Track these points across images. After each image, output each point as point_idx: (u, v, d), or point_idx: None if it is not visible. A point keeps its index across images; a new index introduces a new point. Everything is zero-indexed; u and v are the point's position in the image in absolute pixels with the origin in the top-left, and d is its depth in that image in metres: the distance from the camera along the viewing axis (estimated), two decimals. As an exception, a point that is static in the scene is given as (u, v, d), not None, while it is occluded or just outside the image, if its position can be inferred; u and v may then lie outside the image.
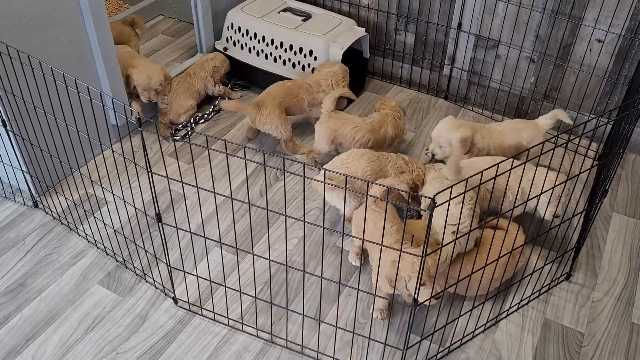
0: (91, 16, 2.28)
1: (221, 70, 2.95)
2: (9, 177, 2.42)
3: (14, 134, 2.18)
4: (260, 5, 3.03)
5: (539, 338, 1.97)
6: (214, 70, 2.91)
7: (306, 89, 2.67)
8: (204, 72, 2.88)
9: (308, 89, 2.67)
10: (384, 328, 1.98)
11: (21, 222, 2.33)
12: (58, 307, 2.03)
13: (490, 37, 2.77)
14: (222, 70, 2.96)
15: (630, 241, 2.31)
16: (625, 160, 2.69)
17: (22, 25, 2.09)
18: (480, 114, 2.95)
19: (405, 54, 3.08)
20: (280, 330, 1.96)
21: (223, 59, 2.96)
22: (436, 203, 1.35)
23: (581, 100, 2.68)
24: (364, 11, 3.08)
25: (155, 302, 2.06)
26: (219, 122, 2.88)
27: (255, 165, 2.62)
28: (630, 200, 2.49)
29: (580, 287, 2.14)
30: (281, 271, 2.15)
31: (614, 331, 2.00)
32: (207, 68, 2.89)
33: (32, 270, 2.15)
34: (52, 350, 1.90)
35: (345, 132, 2.43)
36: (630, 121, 1.93)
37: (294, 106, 2.66)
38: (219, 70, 2.93)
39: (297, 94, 2.65)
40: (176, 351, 1.91)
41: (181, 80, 2.82)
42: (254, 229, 2.32)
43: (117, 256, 2.18)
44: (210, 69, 2.89)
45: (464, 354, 1.92)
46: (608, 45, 2.53)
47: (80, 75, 2.33)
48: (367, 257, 2.21)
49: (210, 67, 2.90)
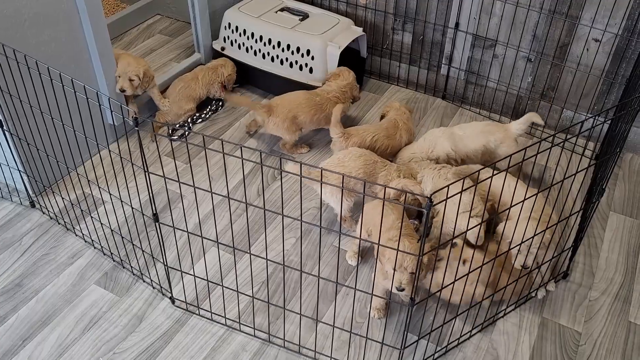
0: (88, 16, 2.27)
1: (233, 77, 2.93)
2: (6, 177, 2.41)
3: (10, 134, 2.17)
4: (257, 5, 3.03)
5: (536, 337, 1.98)
6: (228, 79, 2.90)
7: (334, 102, 2.60)
8: (213, 79, 2.86)
9: (336, 101, 2.61)
10: (381, 327, 1.98)
11: (18, 222, 2.33)
12: (55, 307, 2.03)
13: (487, 36, 2.77)
14: (234, 77, 2.95)
15: (627, 240, 2.31)
16: (622, 160, 2.69)
17: (19, 25, 2.09)
18: (478, 113, 2.95)
19: (403, 53, 3.08)
20: (278, 330, 1.96)
21: (232, 66, 2.93)
22: (433, 202, 1.35)
23: (578, 99, 2.68)
24: (362, 11, 3.08)
25: (152, 302, 2.05)
26: (216, 121, 2.88)
27: (253, 164, 2.61)
28: (627, 200, 2.49)
29: (577, 286, 2.14)
30: (278, 271, 2.15)
31: (611, 330, 2.00)
32: (219, 75, 2.87)
33: (29, 271, 2.14)
34: (48, 351, 1.90)
35: (366, 145, 2.42)
36: (627, 120, 1.93)
37: (323, 119, 2.61)
38: (232, 78, 2.93)
39: (326, 108, 2.59)
40: (173, 351, 1.91)
41: (185, 85, 2.80)
42: (251, 229, 2.32)
43: (114, 256, 2.18)
44: (224, 77, 2.88)
45: (462, 353, 1.92)
46: (605, 44, 2.53)
47: (77, 75, 2.33)
48: (364, 255, 2.21)
49: (224, 75, 2.88)
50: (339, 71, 2.72)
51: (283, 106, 2.56)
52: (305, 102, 2.57)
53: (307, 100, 2.58)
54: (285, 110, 2.54)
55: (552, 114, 2.81)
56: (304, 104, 2.57)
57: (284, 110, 2.54)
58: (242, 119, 2.89)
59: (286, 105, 2.56)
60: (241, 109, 2.95)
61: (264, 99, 3.03)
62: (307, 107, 2.57)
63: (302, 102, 2.57)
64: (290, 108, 2.55)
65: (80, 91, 1.72)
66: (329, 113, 2.53)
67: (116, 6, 3.76)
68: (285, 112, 2.54)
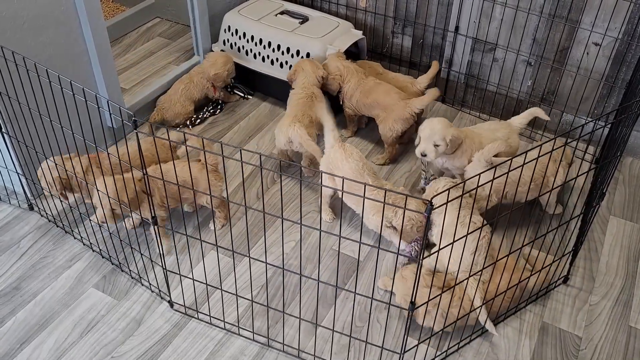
0: (87, 18, 2.27)
1: (222, 75, 2.84)
2: (4, 180, 2.40)
3: (9, 136, 2.16)
4: (257, 8, 3.03)
5: (537, 342, 1.97)
6: (215, 77, 2.82)
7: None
8: (203, 80, 2.83)
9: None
10: (381, 332, 1.97)
11: (16, 224, 2.32)
12: (53, 311, 2.02)
13: (487, 40, 2.77)
14: (224, 76, 2.85)
15: (627, 244, 2.30)
16: (623, 164, 2.69)
17: (18, 27, 2.08)
18: (478, 117, 2.95)
19: (403, 57, 3.08)
20: (277, 334, 1.95)
21: (223, 63, 2.83)
22: (434, 206, 1.34)
23: (578, 103, 2.68)
24: (361, 14, 3.08)
25: (150, 305, 2.04)
26: (216, 124, 2.87)
27: (252, 167, 2.61)
28: (628, 204, 2.49)
29: (577, 290, 2.13)
30: (278, 274, 2.14)
31: (612, 335, 1.99)
32: (206, 75, 2.83)
33: (27, 274, 2.13)
34: (46, 354, 1.89)
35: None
36: (628, 124, 1.93)
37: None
38: (220, 76, 2.83)
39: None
40: (172, 355, 1.90)
41: (185, 87, 2.80)
42: (251, 232, 2.31)
43: (113, 259, 2.17)
44: (211, 76, 2.82)
45: (462, 357, 1.92)
46: (605, 48, 2.53)
47: (76, 77, 2.32)
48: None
49: (211, 74, 2.81)
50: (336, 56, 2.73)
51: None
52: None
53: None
54: None
55: (552, 118, 2.81)
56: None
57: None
58: (242, 122, 2.89)
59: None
60: (240, 112, 2.95)
61: (262, 102, 3.02)
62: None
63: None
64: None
65: (79, 94, 1.71)
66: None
67: (116, 9, 3.76)
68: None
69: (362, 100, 2.61)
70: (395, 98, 2.53)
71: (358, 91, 2.61)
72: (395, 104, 2.52)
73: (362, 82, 2.62)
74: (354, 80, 2.63)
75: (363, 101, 2.61)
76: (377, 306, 2.05)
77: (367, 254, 2.24)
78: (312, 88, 2.58)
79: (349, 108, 2.69)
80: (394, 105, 2.52)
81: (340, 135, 2.79)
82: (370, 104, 2.59)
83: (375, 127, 2.62)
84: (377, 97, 2.56)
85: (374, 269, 2.19)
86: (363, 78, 2.63)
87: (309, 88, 2.58)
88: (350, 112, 2.71)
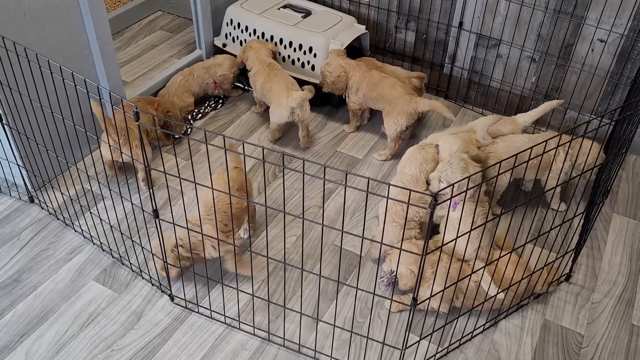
0: (89, 10, 2.26)
1: (229, 77, 2.87)
2: (5, 172, 2.39)
3: (10, 128, 2.15)
4: (260, 1, 3.01)
5: (538, 339, 1.96)
6: (222, 79, 2.85)
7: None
8: (205, 75, 2.83)
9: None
10: (382, 327, 1.97)
11: (16, 217, 2.31)
12: (53, 303, 2.01)
13: (491, 36, 2.75)
14: (231, 78, 2.88)
15: (630, 242, 2.29)
16: (626, 162, 2.67)
17: (19, 19, 2.07)
18: (481, 113, 2.93)
19: (406, 52, 3.06)
20: (278, 329, 1.94)
21: (230, 66, 2.85)
22: (437, 201, 1.33)
23: (583, 100, 2.67)
24: (365, 9, 3.06)
25: (151, 299, 2.04)
26: (218, 118, 2.86)
27: (255, 161, 2.60)
28: (631, 202, 2.47)
29: (580, 288, 2.13)
30: (279, 269, 2.13)
31: (614, 333, 1.98)
32: (211, 74, 2.84)
33: (27, 266, 2.12)
34: (46, 347, 1.88)
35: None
36: (632, 122, 1.92)
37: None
38: (227, 77, 2.86)
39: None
40: (172, 349, 1.89)
41: (184, 79, 2.79)
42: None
43: (113, 252, 2.16)
44: (217, 75, 2.84)
45: (463, 354, 1.91)
46: (610, 45, 2.51)
47: (77, 69, 2.31)
48: None
49: (217, 73, 2.84)
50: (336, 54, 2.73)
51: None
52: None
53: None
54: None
55: (556, 115, 2.79)
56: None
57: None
58: (244, 115, 2.87)
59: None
60: (242, 106, 2.94)
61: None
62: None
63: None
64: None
65: (80, 84, 1.70)
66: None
67: (117, 1, 3.74)
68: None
69: (368, 94, 2.60)
70: (400, 92, 2.52)
71: (364, 84, 2.60)
72: (400, 97, 2.51)
73: (368, 75, 2.61)
74: (358, 73, 2.62)
75: (369, 94, 2.60)
76: (379, 302, 2.04)
77: (368, 250, 2.22)
78: (267, 59, 2.69)
79: (354, 102, 2.68)
80: (399, 99, 2.50)
81: (342, 131, 2.79)
82: (376, 97, 2.58)
83: (377, 122, 2.61)
84: (382, 91, 2.55)
85: (375, 264, 2.18)
86: (367, 71, 2.62)
87: (264, 60, 2.68)
88: (356, 107, 2.69)
